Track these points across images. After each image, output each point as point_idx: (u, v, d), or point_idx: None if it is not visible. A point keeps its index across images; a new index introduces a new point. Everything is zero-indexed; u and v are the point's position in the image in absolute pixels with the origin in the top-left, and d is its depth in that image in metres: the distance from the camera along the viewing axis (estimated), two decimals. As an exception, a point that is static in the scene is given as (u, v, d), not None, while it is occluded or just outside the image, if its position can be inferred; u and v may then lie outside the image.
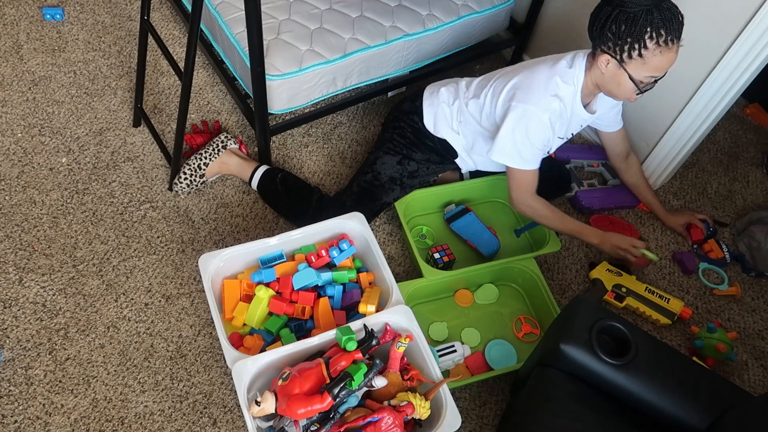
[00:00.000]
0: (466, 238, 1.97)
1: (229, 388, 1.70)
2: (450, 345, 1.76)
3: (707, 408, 1.34)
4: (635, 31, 1.49)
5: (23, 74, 2.24)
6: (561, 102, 1.66)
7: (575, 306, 1.45)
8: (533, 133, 1.66)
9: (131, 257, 1.89)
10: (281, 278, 1.68)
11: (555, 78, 1.66)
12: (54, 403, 1.63)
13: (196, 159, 1.98)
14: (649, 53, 1.51)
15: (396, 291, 1.63)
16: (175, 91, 2.29)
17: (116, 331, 1.76)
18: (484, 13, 2.17)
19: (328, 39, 1.96)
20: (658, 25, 1.48)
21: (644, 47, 1.51)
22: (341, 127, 2.28)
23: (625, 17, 1.49)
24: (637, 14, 1.48)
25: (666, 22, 1.48)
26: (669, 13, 1.48)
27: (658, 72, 1.56)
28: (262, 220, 2.02)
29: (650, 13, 1.47)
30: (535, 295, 1.88)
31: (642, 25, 1.48)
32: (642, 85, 1.59)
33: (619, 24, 1.50)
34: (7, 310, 1.76)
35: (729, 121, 2.52)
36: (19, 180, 1.99)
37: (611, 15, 1.51)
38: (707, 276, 2.09)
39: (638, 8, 1.47)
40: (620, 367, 1.36)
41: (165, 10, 2.50)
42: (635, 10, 1.48)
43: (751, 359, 1.93)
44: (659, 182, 2.25)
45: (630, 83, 1.59)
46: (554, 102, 1.65)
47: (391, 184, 1.91)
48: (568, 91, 1.66)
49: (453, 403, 1.46)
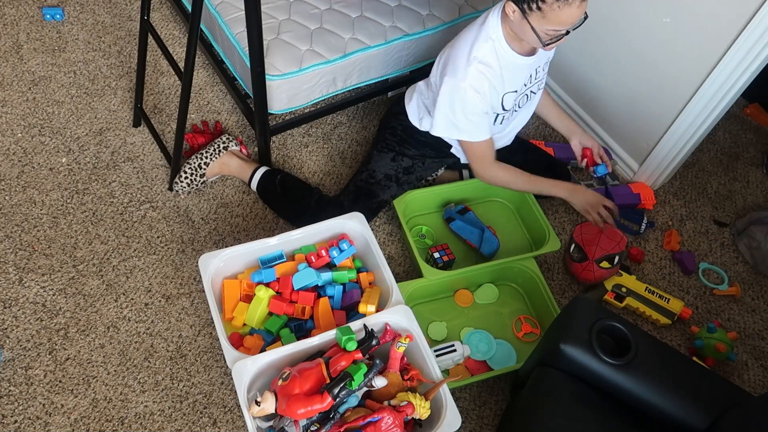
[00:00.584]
0: (465, 238, 1.97)
1: (229, 388, 1.70)
2: (450, 345, 1.76)
3: (707, 408, 1.34)
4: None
5: (23, 74, 2.24)
6: (483, 64, 1.63)
7: (575, 306, 1.45)
8: (468, 105, 1.66)
9: (131, 257, 1.89)
10: (281, 278, 1.68)
11: (473, 43, 1.64)
12: (54, 403, 1.63)
13: (196, 159, 1.98)
14: (547, 6, 1.47)
15: (396, 291, 1.63)
16: (175, 91, 2.29)
17: (116, 331, 1.76)
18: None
19: (328, 39, 1.96)
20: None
21: (542, 0, 1.47)
22: (341, 127, 2.29)
23: None
24: None
25: None
26: None
27: (560, 26, 1.51)
28: (262, 220, 2.02)
29: None
30: (535, 295, 1.88)
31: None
32: (546, 38, 1.55)
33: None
34: (7, 310, 1.76)
35: (729, 121, 2.52)
36: (19, 180, 1.99)
37: None
38: (707, 276, 2.09)
39: None
40: (620, 367, 1.36)
41: (165, 10, 2.50)
42: None
43: (751, 359, 1.93)
44: (659, 182, 2.25)
45: (534, 35, 1.55)
46: (475, 67, 1.63)
47: (386, 182, 1.91)
48: (487, 48, 1.64)
49: (453, 403, 1.46)
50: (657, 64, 2.01)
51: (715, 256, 2.14)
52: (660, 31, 1.95)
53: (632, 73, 2.10)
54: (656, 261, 2.10)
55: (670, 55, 1.96)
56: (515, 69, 1.69)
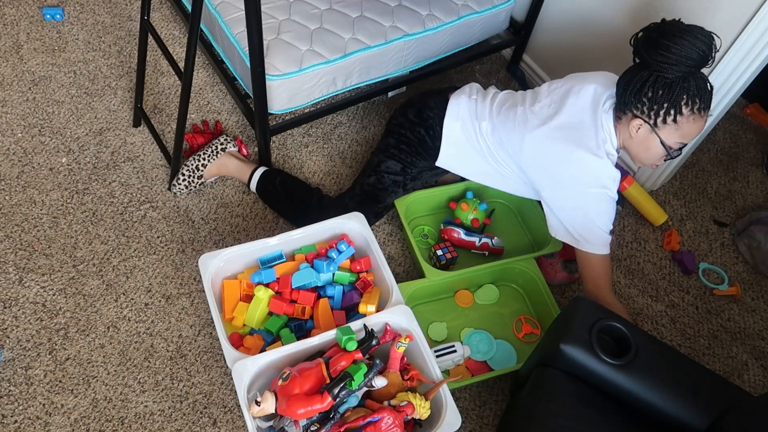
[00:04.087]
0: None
1: (229, 388, 1.70)
2: (450, 345, 1.76)
3: (707, 408, 1.34)
4: (673, 97, 1.51)
5: (23, 74, 2.24)
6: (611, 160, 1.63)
7: (575, 306, 1.45)
8: (605, 210, 1.64)
9: (131, 257, 1.89)
10: (281, 278, 1.68)
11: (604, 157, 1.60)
12: (54, 403, 1.63)
13: (194, 160, 1.98)
14: (684, 119, 1.53)
15: (396, 291, 1.63)
16: (175, 91, 2.29)
17: (116, 331, 1.76)
18: (484, 13, 2.17)
19: (328, 39, 1.96)
20: (694, 93, 1.50)
21: (680, 113, 1.52)
22: (341, 127, 2.29)
23: (663, 83, 1.50)
24: (674, 81, 1.49)
25: (700, 90, 1.51)
26: (702, 83, 1.51)
27: (687, 139, 1.57)
28: (262, 220, 2.02)
29: (686, 80, 1.49)
30: (535, 295, 1.88)
31: (679, 91, 1.50)
32: (671, 151, 1.60)
33: (656, 89, 1.51)
34: (7, 310, 1.76)
35: (729, 121, 2.52)
36: (19, 180, 1.99)
37: (648, 80, 1.52)
38: (707, 276, 2.09)
39: (675, 75, 1.49)
40: (620, 367, 1.36)
41: (165, 10, 2.50)
42: (672, 77, 1.49)
43: (751, 359, 1.93)
44: (659, 182, 2.25)
45: (661, 148, 1.59)
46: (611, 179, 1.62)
47: (394, 187, 1.91)
48: (608, 148, 1.64)
49: (453, 403, 1.46)
50: (657, 64, 2.01)
51: (715, 256, 2.14)
52: (660, 31, 1.95)
53: (632, 73, 2.10)
54: (656, 261, 2.10)
55: (670, 55, 1.96)
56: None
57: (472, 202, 1.97)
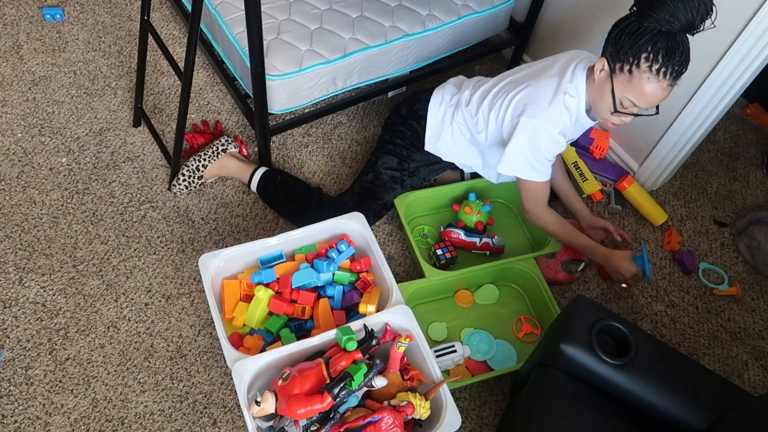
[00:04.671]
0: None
1: (229, 388, 1.70)
2: (450, 345, 1.76)
3: (707, 408, 1.34)
4: (637, 45, 1.45)
5: (23, 74, 2.24)
6: (569, 113, 1.65)
7: (575, 306, 1.45)
8: (545, 147, 1.66)
9: (131, 257, 1.89)
10: (281, 278, 1.68)
11: (557, 90, 1.64)
12: (54, 403, 1.63)
13: (194, 161, 1.98)
14: (639, 74, 1.48)
15: (396, 291, 1.63)
16: (175, 91, 2.29)
17: (116, 331, 1.76)
18: (484, 13, 2.17)
19: (328, 39, 1.96)
20: (661, 51, 1.43)
21: (636, 65, 1.47)
22: (341, 127, 2.28)
23: (636, 29, 1.45)
24: (646, 31, 1.44)
25: (669, 53, 1.43)
26: (676, 47, 1.43)
27: (640, 99, 1.52)
28: (262, 220, 2.02)
29: (660, 36, 1.43)
30: (535, 295, 1.88)
31: (645, 43, 1.44)
32: (620, 107, 1.56)
33: (628, 33, 1.47)
34: (7, 310, 1.76)
35: (729, 121, 2.52)
36: (19, 180, 1.99)
37: (627, 26, 1.48)
38: (707, 276, 2.09)
39: (653, 27, 1.43)
40: (620, 367, 1.36)
41: (165, 10, 2.50)
42: (647, 27, 1.43)
43: (751, 359, 1.93)
44: (659, 182, 2.25)
45: (610, 98, 1.56)
46: (564, 115, 1.64)
47: (392, 183, 1.91)
48: (573, 103, 1.65)
49: (453, 403, 1.46)
50: (657, 64, 2.01)
51: (715, 256, 2.14)
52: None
53: (632, 73, 2.10)
54: (656, 261, 2.10)
55: (670, 55, 1.96)
56: (577, 128, 1.73)
57: (475, 204, 1.97)
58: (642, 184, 2.23)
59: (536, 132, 1.64)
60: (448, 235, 1.95)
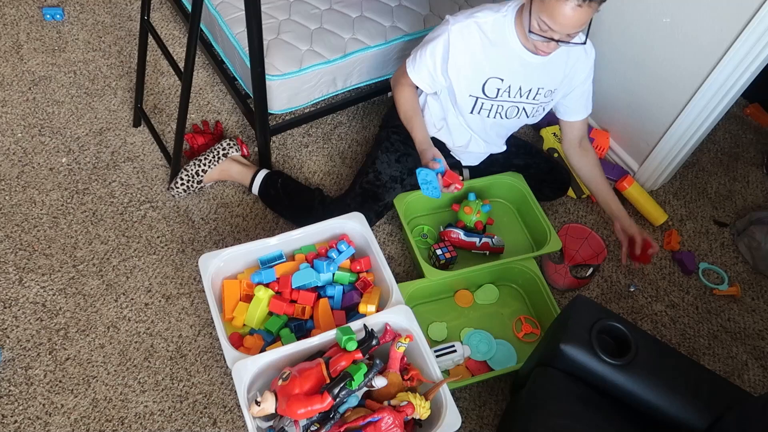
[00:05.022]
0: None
1: (229, 388, 1.70)
2: (450, 345, 1.76)
3: (707, 408, 1.34)
4: None
5: (23, 74, 2.24)
6: (478, 27, 1.62)
7: (575, 306, 1.45)
8: (432, 43, 1.67)
9: (131, 257, 1.89)
10: (281, 278, 1.68)
11: (492, 7, 1.64)
12: (54, 403, 1.63)
13: (194, 165, 1.97)
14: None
15: (396, 291, 1.63)
16: (175, 91, 2.29)
17: (116, 331, 1.76)
18: None
19: (328, 39, 1.96)
20: None
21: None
22: (341, 127, 2.29)
23: None
24: None
25: None
26: None
27: (550, 20, 1.46)
28: (262, 220, 2.02)
29: None
30: (535, 295, 1.88)
31: None
32: (535, 28, 1.51)
33: None
34: (7, 310, 1.76)
35: (729, 121, 2.52)
36: (19, 180, 1.99)
37: None
38: (707, 276, 2.09)
39: None
40: (620, 367, 1.36)
41: (165, 10, 2.50)
42: None
43: (751, 359, 1.93)
44: (659, 182, 2.25)
45: (527, 18, 1.52)
46: (469, 24, 1.62)
47: (392, 183, 1.91)
48: (492, 18, 1.62)
49: (453, 403, 1.46)
50: (657, 65, 2.01)
51: (715, 256, 2.14)
52: (660, 31, 1.95)
53: (632, 73, 2.10)
54: (656, 261, 2.10)
55: (670, 56, 1.96)
56: (506, 54, 1.65)
57: (475, 204, 1.97)
58: (642, 184, 2.23)
59: (438, 27, 1.67)
60: (447, 235, 1.95)
